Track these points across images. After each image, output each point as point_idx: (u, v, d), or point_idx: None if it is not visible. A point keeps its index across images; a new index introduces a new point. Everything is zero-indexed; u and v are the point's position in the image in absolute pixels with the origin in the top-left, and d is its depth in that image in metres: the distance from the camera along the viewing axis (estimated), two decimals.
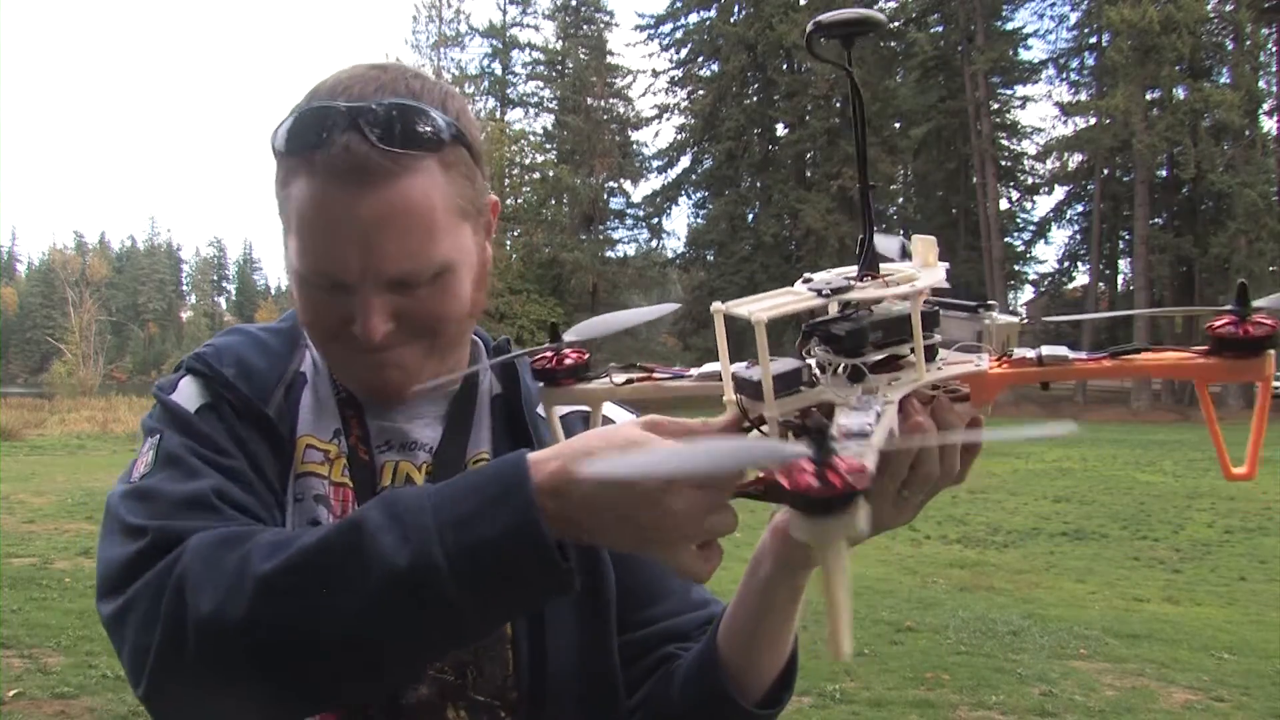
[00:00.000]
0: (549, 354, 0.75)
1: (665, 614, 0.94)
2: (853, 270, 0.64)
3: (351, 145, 0.78)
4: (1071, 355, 0.61)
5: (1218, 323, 0.59)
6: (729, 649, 0.84)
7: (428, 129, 0.81)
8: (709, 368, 0.69)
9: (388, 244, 0.80)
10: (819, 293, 0.60)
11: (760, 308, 0.58)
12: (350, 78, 0.83)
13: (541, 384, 0.75)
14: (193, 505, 0.78)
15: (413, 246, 0.80)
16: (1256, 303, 0.58)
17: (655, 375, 0.71)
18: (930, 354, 0.62)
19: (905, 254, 0.67)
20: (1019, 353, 0.63)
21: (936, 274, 0.62)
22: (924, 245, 0.66)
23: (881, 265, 0.64)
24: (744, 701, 0.84)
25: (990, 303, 0.67)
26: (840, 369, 0.60)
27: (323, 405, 0.94)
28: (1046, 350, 0.62)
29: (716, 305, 0.60)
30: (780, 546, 0.77)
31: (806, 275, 0.65)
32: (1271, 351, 0.58)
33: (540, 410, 0.97)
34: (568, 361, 0.74)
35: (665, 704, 0.89)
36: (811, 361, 0.61)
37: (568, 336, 0.74)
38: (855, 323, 0.59)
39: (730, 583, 0.99)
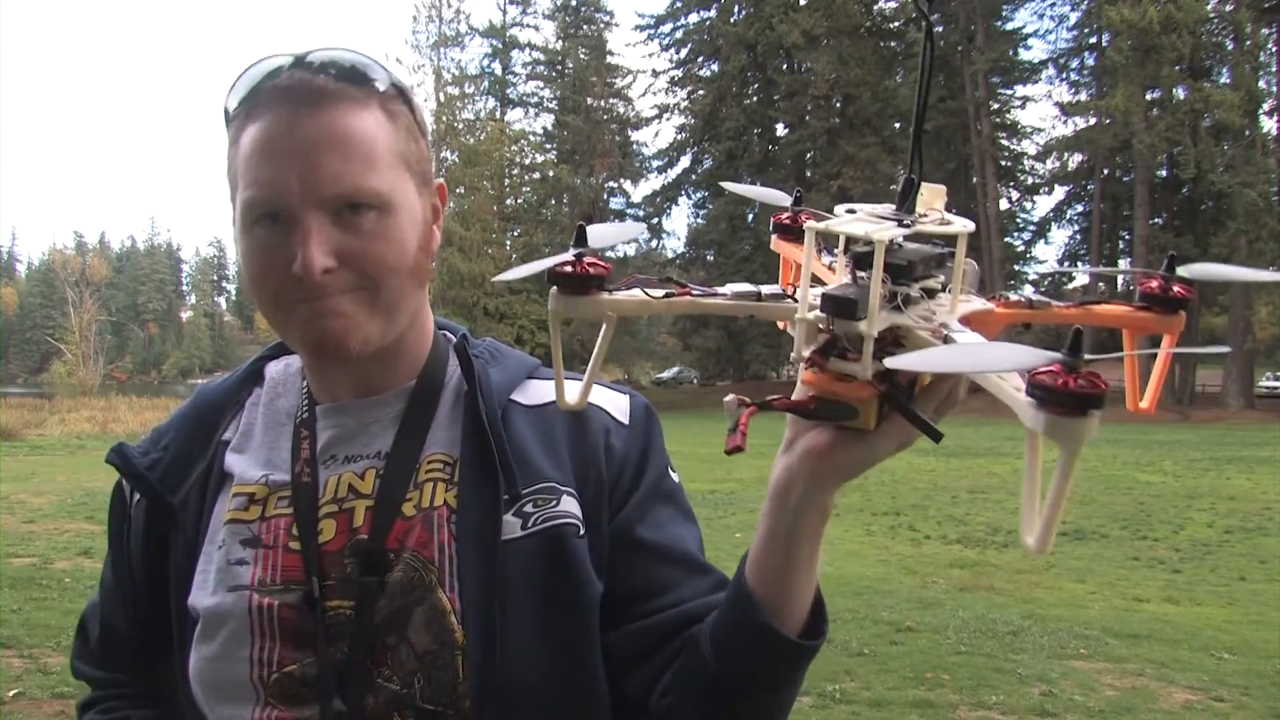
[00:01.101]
0: (570, 259, 0.65)
1: (679, 599, 0.90)
2: (886, 208, 0.67)
3: (296, 75, 0.84)
4: (1052, 302, 0.69)
5: (1150, 283, 0.68)
6: (763, 586, 0.79)
7: (371, 75, 0.86)
8: (739, 287, 0.68)
9: (328, 163, 0.82)
10: (899, 222, 0.63)
11: (869, 230, 0.60)
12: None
13: (557, 289, 0.65)
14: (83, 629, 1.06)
15: (354, 169, 0.82)
16: (1180, 271, 0.68)
17: (693, 292, 0.67)
18: (933, 293, 0.65)
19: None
20: (1012, 296, 0.69)
21: (964, 219, 0.67)
22: (931, 193, 0.68)
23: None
24: (789, 634, 0.79)
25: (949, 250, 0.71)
26: (894, 299, 0.62)
27: (269, 437, 0.95)
28: (1034, 297, 0.69)
29: (811, 224, 0.63)
30: (815, 467, 0.71)
31: (850, 207, 0.67)
32: (1184, 312, 0.69)
33: (521, 398, 0.94)
34: (592, 270, 0.65)
35: (697, 674, 0.83)
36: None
37: (591, 235, 0.66)
38: (909, 256, 0.62)
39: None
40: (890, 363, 0.48)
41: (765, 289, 0.67)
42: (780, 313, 0.67)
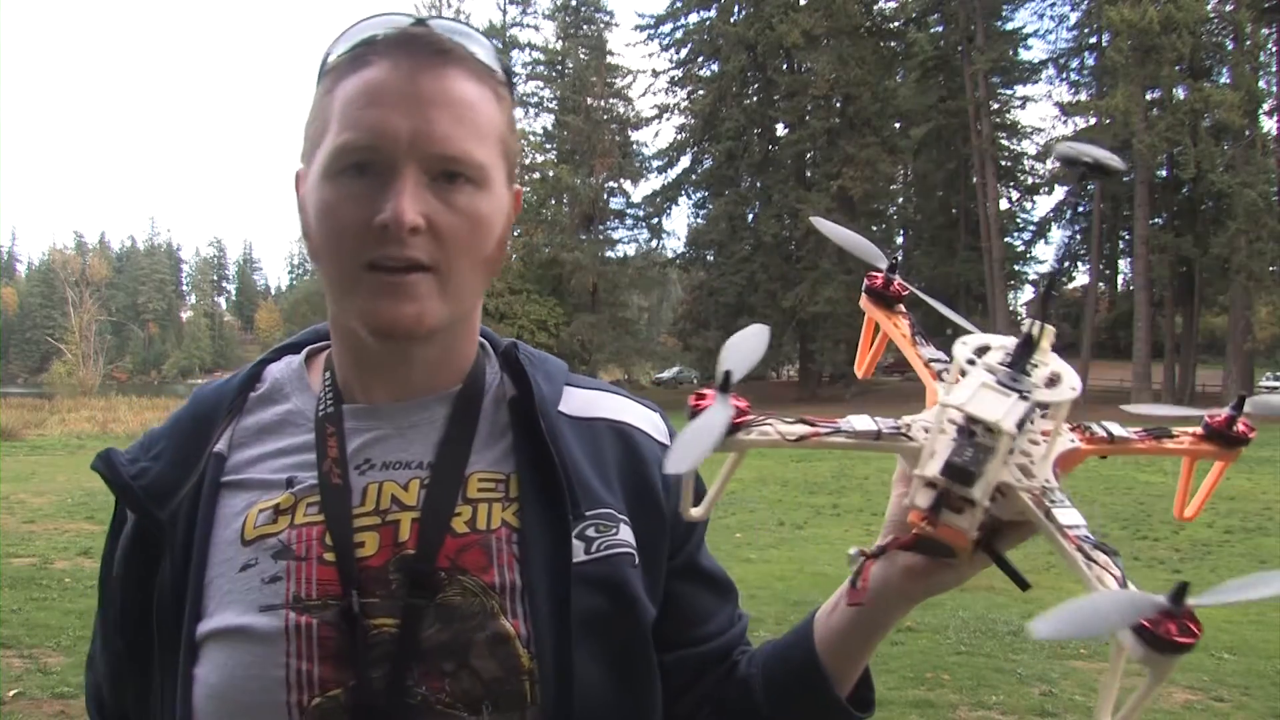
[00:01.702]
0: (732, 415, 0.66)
1: (722, 627, 0.95)
2: (1000, 340, 0.74)
3: (419, 30, 0.82)
4: (1129, 435, 0.77)
5: (1218, 419, 0.77)
6: (834, 664, 0.85)
7: (490, 54, 0.85)
8: (859, 422, 0.70)
9: (442, 121, 0.79)
10: (1022, 395, 0.68)
11: (1000, 415, 0.65)
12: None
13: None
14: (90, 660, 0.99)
15: (463, 133, 0.80)
16: (1247, 408, 0.76)
17: (819, 430, 0.69)
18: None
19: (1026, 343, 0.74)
20: (1095, 429, 0.76)
21: (1062, 364, 0.72)
22: (1044, 335, 0.73)
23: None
24: (851, 708, 0.86)
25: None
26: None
27: (280, 442, 0.88)
28: (1115, 431, 0.76)
29: (943, 397, 0.68)
30: (910, 586, 0.78)
31: (973, 349, 0.72)
32: (1243, 448, 0.78)
33: (565, 408, 0.91)
34: (741, 407, 0.66)
35: (747, 712, 0.90)
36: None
37: (735, 371, 0.66)
38: (1022, 414, 0.67)
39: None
40: (1032, 631, 0.51)
41: (884, 426, 0.70)
42: (898, 450, 0.71)
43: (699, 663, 0.93)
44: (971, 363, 0.72)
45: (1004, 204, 38.25)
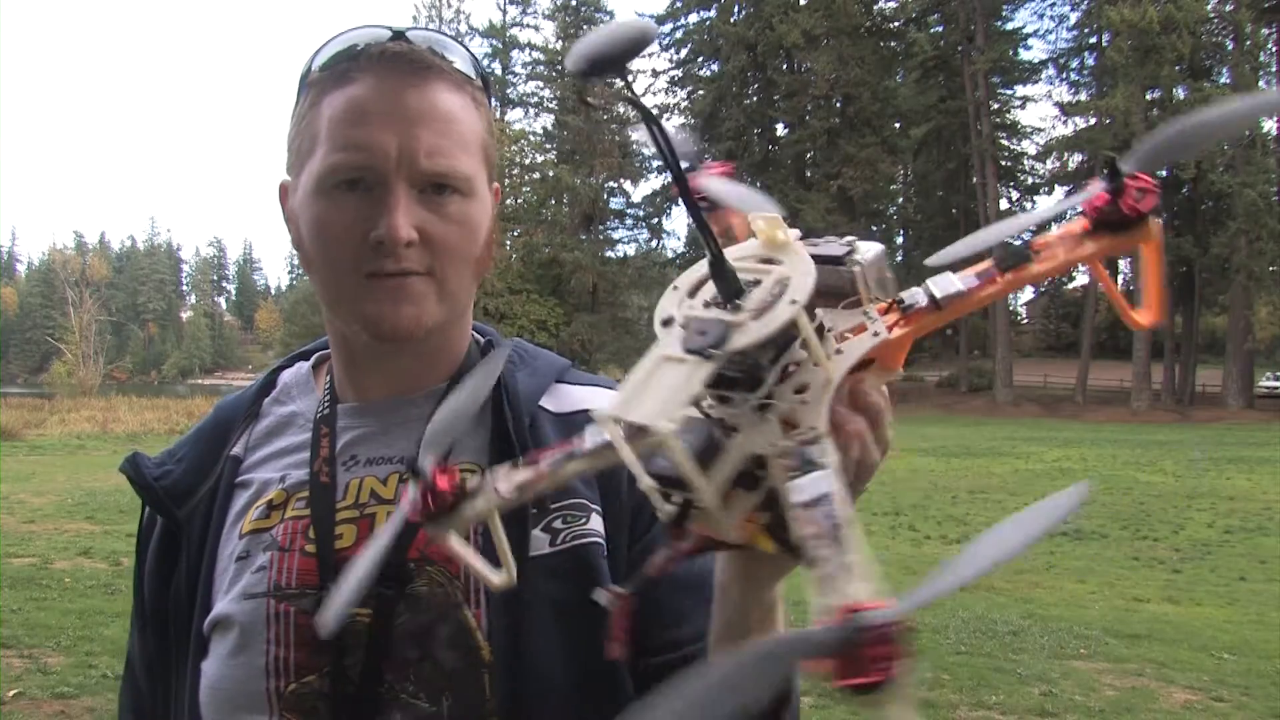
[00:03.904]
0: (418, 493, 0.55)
1: (695, 634, 0.86)
2: (696, 270, 0.57)
3: (399, 45, 0.84)
4: (965, 286, 0.57)
5: (1095, 200, 0.55)
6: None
7: (466, 62, 0.88)
8: (600, 436, 0.55)
9: (428, 137, 0.82)
10: (702, 354, 0.49)
11: (656, 410, 0.47)
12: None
13: (426, 527, 0.57)
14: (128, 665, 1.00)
15: (448, 147, 0.83)
16: (1126, 167, 0.53)
17: (543, 469, 0.56)
18: (819, 334, 0.54)
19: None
20: (909, 299, 0.57)
21: (801, 261, 0.53)
22: (768, 224, 0.56)
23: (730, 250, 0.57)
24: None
25: (850, 239, 0.59)
26: (749, 407, 0.52)
27: (283, 442, 0.93)
28: (938, 290, 0.56)
29: (602, 413, 0.49)
30: (747, 569, 0.69)
31: (685, 296, 0.55)
32: (1148, 222, 0.54)
33: (548, 403, 0.91)
34: (443, 490, 0.55)
35: None
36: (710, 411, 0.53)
37: (435, 446, 0.56)
38: (745, 356, 0.51)
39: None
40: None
41: (588, 443, 0.55)
42: (619, 464, 0.51)
43: (670, 671, 0.85)
44: (667, 324, 0.53)
45: (1004, 204, 38.24)
